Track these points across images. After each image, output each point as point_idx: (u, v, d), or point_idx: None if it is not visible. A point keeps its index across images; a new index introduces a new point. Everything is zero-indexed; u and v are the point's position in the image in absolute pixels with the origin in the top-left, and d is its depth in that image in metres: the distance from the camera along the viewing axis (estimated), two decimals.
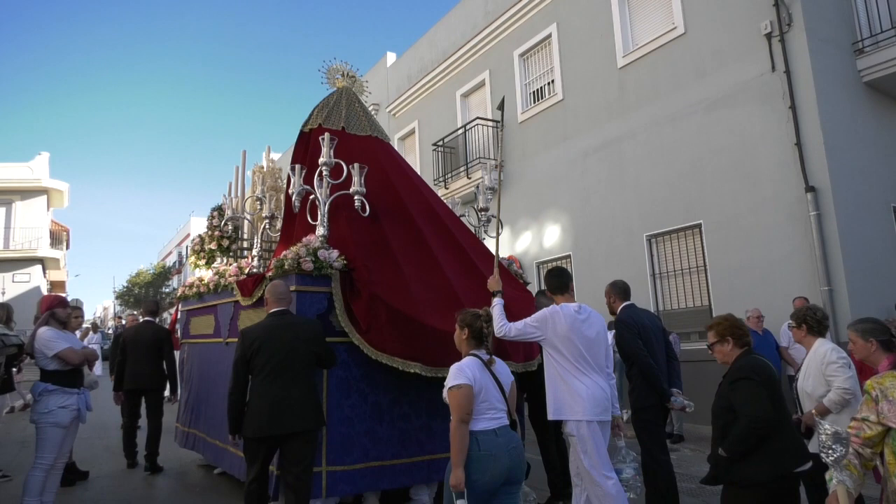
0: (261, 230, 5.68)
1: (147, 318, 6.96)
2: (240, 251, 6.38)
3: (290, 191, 4.66)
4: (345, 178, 4.67)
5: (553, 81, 11.40)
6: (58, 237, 28.37)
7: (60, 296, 5.16)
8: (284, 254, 4.42)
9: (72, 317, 4.67)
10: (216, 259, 6.50)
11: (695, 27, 8.90)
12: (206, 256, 6.51)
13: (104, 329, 23.34)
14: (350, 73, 6.07)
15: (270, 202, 5.48)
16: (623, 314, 4.47)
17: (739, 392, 2.89)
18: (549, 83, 11.55)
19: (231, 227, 6.37)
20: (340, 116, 5.68)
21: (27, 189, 25.48)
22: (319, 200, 4.58)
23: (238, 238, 6.41)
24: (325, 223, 4.56)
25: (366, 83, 6.32)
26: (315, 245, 4.36)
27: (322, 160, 4.60)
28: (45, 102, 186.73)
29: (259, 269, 5.23)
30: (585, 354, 3.72)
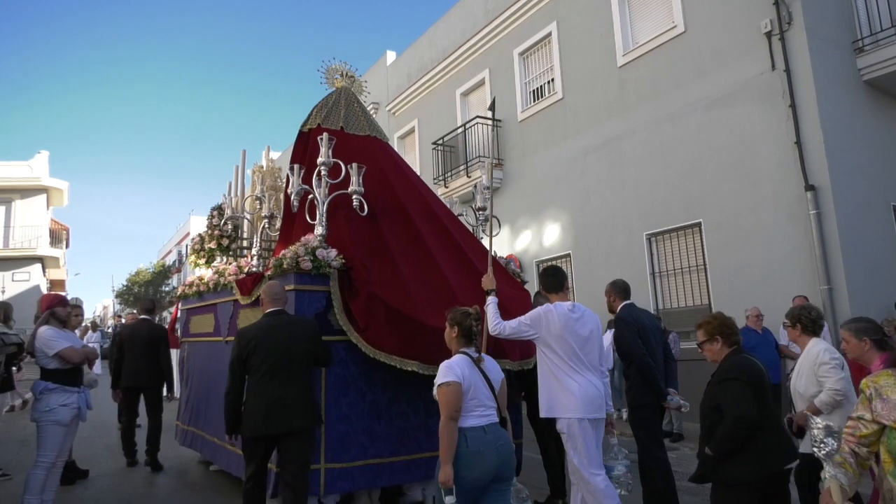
0: (260, 229, 5.70)
1: (143, 316, 6.97)
2: (239, 250, 6.39)
3: (289, 190, 4.67)
4: (343, 178, 4.69)
5: (553, 80, 11.39)
6: (57, 236, 28.40)
7: (60, 295, 5.16)
8: (283, 253, 4.44)
9: (72, 315, 4.68)
10: (216, 258, 6.52)
11: (695, 26, 8.90)
12: (206, 255, 6.54)
13: (104, 328, 23.32)
14: (349, 73, 6.08)
15: (270, 201, 5.50)
16: (623, 313, 4.49)
17: (726, 392, 2.93)
18: (549, 82, 11.54)
19: (231, 227, 6.39)
20: (339, 116, 5.69)
21: (27, 188, 25.48)
22: (318, 200, 4.59)
23: (238, 237, 6.43)
24: (324, 223, 4.58)
25: (364, 83, 6.33)
26: (313, 244, 4.37)
27: (320, 160, 4.62)
28: (45, 101, 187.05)
29: (258, 268, 5.24)
30: (579, 353, 3.75)
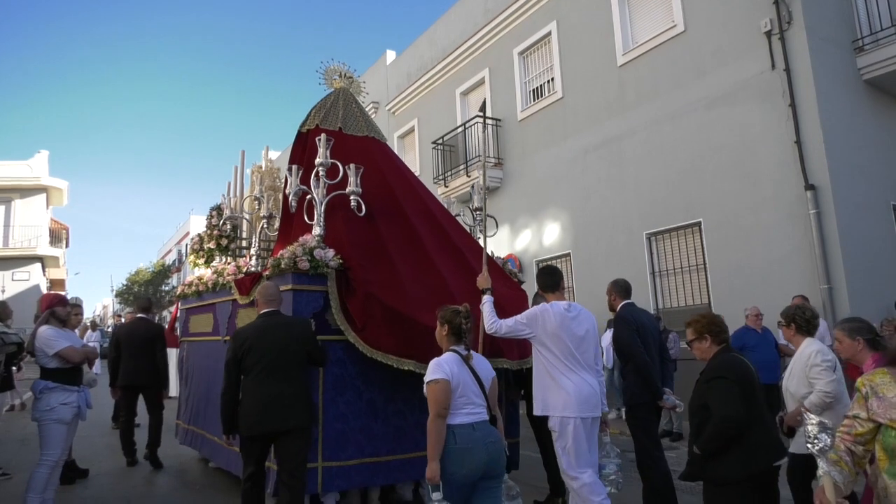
0: (259, 229, 5.71)
1: (140, 315, 6.98)
2: (238, 250, 6.40)
3: (287, 191, 4.68)
4: (341, 179, 4.70)
5: (553, 79, 11.38)
6: (57, 235, 28.37)
7: (60, 294, 5.17)
8: (281, 253, 4.45)
9: (71, 315, 4.69)
10: (215, 258, 6.52)
11: (695, 25, 8.89)
12: (205, 255, 6.55)
13: (103, 327, 23.32)
14: (347, 74, 6.09)
15: (268, 202, 5.51)
16: (623, 311, 4.52)
17: (713, 391, 2.95)
18: (549, 81, 11.54)
19: (229, 227, 6.39)
20: (337, 117, 5.70)
21: (26, 187, 25.46)
22: (316, 200, 4.60)
23: (237, 237, 6.44)
24: (322, 223, 4.59)
25: (363, 84, 6.34)
26: (311, 244, 4.38)
27: (318, 160, 4.63)
28: (45, 100, 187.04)
29: (257, 268, 5.25)
30: (574, 352, 3.76)
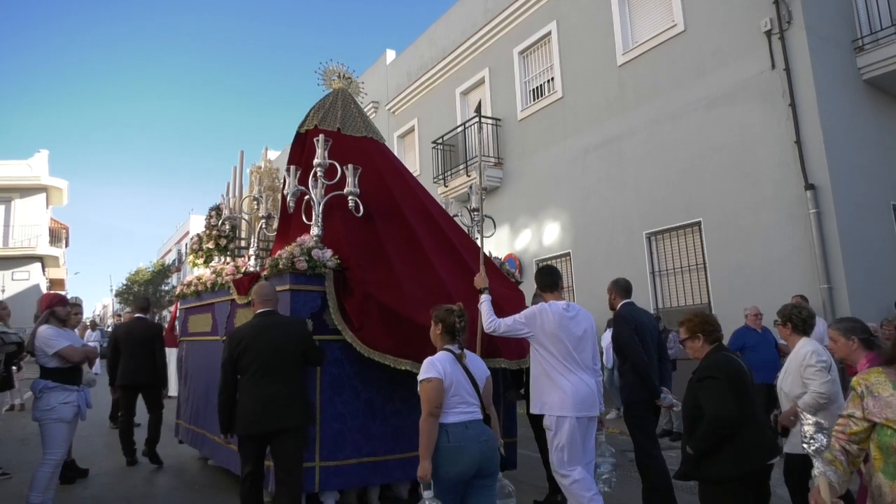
0: (258, 229, 5.72)
1: (138, 315, 6.98)
2: (237, 250, 6.40)
3: (286, 191, 4.68)
4: (339, 179, 4.70)
5: (553, 79, 11.38)
6: (57, 235, 28.37)
7: (60, 294, 5.18)
8: (279, 253, 4.46)
9: (71, 314, 4.69)
10: (214, 258, 6.52)
11: (695, 25, 8.88)
12: (204, 255, 6.55)
13: (103, 327, 23.32)
14: (346, 75, 6.09)
15: (267, 202, 5.51)
16: (622, 310, 4.54)
17: (705, 390, 2.96)
18: (549, 81, 11.53)
19: (228, 227, 6.39)
20: (336, 118, 5.70)
21: (26, 187, 25.45)
22: (314, 201, 4.60)
23: (235, 237, 6.44)
24: (320, 223, 4.59)
25: (361, 84, 6.35)
26: (309, 245, 4.38)
27: (316, 161, 4.63)
28: (45, 100, 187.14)
29: (255, 268, 5.25)
30: (572, 352, 3.77)
